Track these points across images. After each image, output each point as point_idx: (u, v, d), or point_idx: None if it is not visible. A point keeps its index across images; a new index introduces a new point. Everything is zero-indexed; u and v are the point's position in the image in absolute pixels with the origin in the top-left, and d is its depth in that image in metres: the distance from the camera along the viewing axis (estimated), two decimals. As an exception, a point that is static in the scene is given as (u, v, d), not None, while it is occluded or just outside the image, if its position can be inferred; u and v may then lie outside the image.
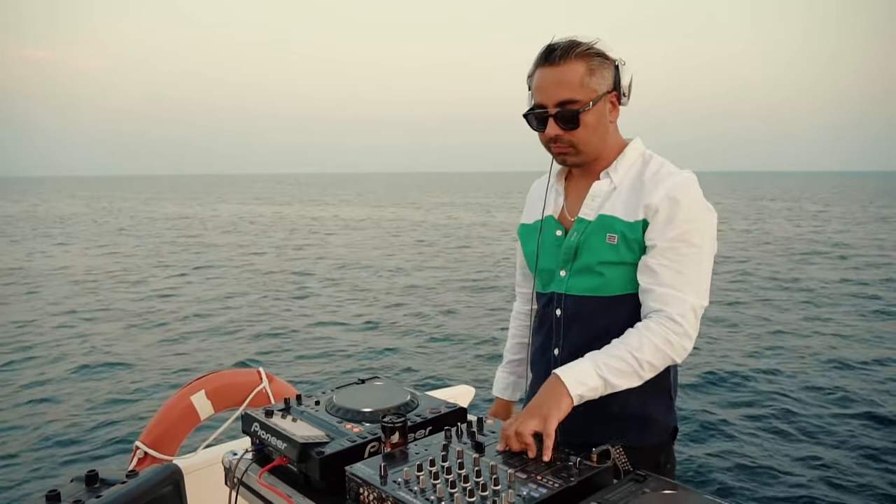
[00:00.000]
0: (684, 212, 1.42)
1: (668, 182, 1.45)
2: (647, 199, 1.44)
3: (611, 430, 1.48)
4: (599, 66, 1.45)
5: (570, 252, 1.54)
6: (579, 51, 1.43)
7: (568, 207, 1.61)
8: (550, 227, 1.61)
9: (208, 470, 2.41)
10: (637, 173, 1.52)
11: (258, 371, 2.97)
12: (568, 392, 1.32)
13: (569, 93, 1.44)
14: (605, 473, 1.20)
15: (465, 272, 14.84)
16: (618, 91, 1.49)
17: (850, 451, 5.08)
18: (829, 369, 7.22)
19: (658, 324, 1.40)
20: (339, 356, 8.24)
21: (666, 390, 1.56)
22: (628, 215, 1.47)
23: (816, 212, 32.74)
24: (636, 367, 1.37)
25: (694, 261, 1.42)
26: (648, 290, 1.44)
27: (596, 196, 1.54)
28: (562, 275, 1.56)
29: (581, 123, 1.46)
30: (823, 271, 14.17)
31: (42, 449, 5.37)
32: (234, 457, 1.48)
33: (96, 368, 7.72)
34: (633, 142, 1.58)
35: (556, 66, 1.44)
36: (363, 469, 1.18)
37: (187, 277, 14.44)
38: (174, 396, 2.82)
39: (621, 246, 1.47)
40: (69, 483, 1.32)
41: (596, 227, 1.51)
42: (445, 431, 1.33)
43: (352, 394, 1.58)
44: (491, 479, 1.13)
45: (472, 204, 43.15)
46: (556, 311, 1.57)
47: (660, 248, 1.43)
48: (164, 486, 1.39)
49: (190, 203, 47.54)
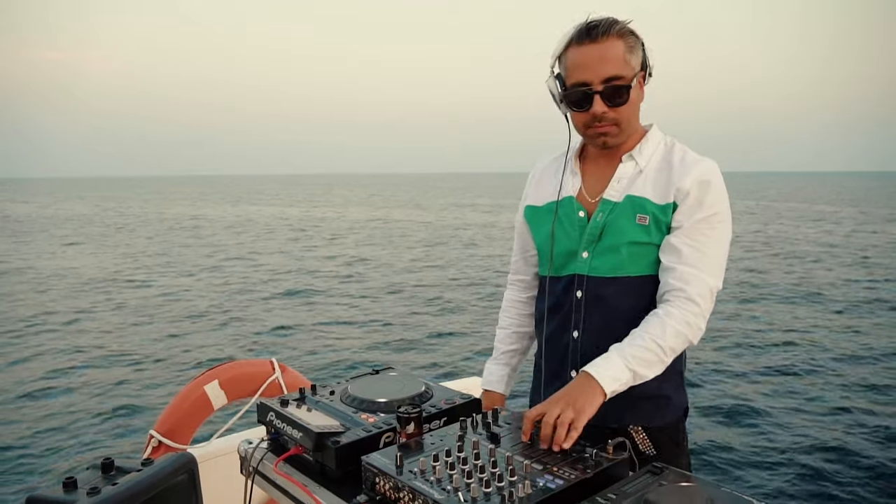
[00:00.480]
0: (712, 196, 1.46)
1: (698, 167, 1.48)
2: (679, 183, 1.47)
3: (628, 412, 1.50)
4: (634, 44, 1.46)
5: (596, 233, 1.53)
6: (618, 28, 1.44)
7: (587, 189, 1.59)
8: (571, 208, 1.59)
9: (222, 459, 2.42)
10: (662, 157, 1.53)
11: (271, 361, 2.97)
12: (602, 391, 1.33)
13: (615, 69, 1.43)
14: (621, 465, 1.19)
15: (472, 270, 14.84)
16: (645, 71, 1.50)
17: (860, 440, 5.04)
18: (848, 361, 7.16)
19: (677, 307, 1.41)
20: (351, 349, 8.27)
21: (678, 371, 1.57)
22: (658, 197, 1.48)
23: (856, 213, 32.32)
24: (661, 355, 1.39)
25: (715, 243, 1.45)
26: (670, 268, 1.45)
27: (622, 178, 1.54)
28: (584, 256, 1.55)
29: (628, 99, 1.46)
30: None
31: (59, 437, 5.44)
32: (249, 446, 1.48)
33: (112, 359, 7.80)
34: (654, 127, 1.59)
35: (598, 43, 1.43)
36: (379, 459, 1.18)
37: (201, 274, 14.54)
38: (188, 386, 2.83)
39: (652, 227, 1.48)
40: (85, 470, 1.33)
41: (625, 208, 1.51)
42: (461, 422, 1.33)
43: (367, 384, 1.58)
44: (507, 470, 1.12)
45: (479, 204, 43.12)
46: (577, 293, 1.55)
47: (685, 229, 1.45)
48: (178, 475, 1.40)
49: (198, 204, 47.83)
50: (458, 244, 19.26)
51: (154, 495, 1.31)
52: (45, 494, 1.22)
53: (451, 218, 30.46)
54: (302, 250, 18.33)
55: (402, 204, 41.58)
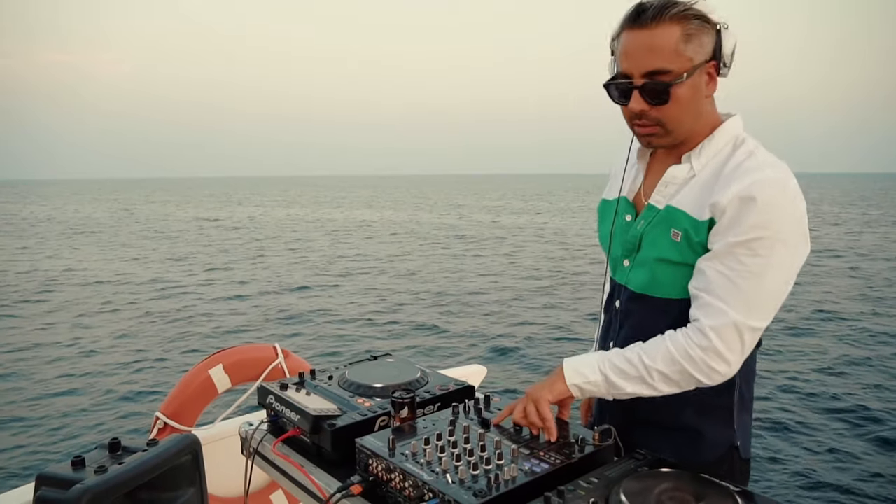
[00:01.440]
0: (757, 215, 1.19)
1: (747, 178, 1.21)
2: (717, 197, 1.23)
3: (658, 442, 1.32)
4: (698, 30, 1.22)
5: (635, 241, 1.38)
6: (675, 11, 1.21)
7: (645, 189, 1.42)
8: (622, 210, 1.46)
9: (225, 441, 2.48)
10: (721, 162, 1.29)
11: (274, 347, 3.03)
12: (565, 380, 1.30)
13: (660, 61, 1.22)
14: (606, 451, 1.24)
15: (479, 263, 14.86)
16: (718, 60, 1.26)
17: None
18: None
19: (684, 334, 1.25)
20: (354, 336, 8.34)
21: (725, 407, 1.37)
22: (696, 212, 1.27)
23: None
24: (643, 374, 1.25)
25: (755, 273, 1.20)
26: (695, 296, 1.26)
27: (670, 182, 1.34)
28: (625, 265, 1.42)
29: (672, 98, 1.24)
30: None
31: (69, 417, 5.55)
32: (250, 427, 1.53)
33: (120, 343, 7.91)
34: (730, 121, 1.33)
35: (646, 29, 1.22)
36: (372, 441, 1.23)
37: (210, 269, 14.62)
38: (193, 370, 2.89)
39: (684, 245, 1.28)
40: (93, 449, 1.38)
41: (662, 219, 1.33)
42: (453, 408, 1.37)
43: (364, 370, 1.63)
44: (495, 454, 1.16)
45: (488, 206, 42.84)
46: (616, 303, 1.46)
47: (717, 252, 1.23)
48: (183, 455, 1.45)
49: (205, 205, 47.85)
50: (466, 243, 19.29)
51: (159, 474, 1.37)
52: (54, 472, 1.28)
53: (456, 218, 30.39)
54: (308, 244, 18.43)
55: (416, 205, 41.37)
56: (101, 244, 18.15)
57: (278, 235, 21.37)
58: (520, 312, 9.63)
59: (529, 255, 16.18)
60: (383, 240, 18.79)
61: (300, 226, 26.75)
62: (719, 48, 1.25)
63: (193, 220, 29.68)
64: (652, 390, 1.26)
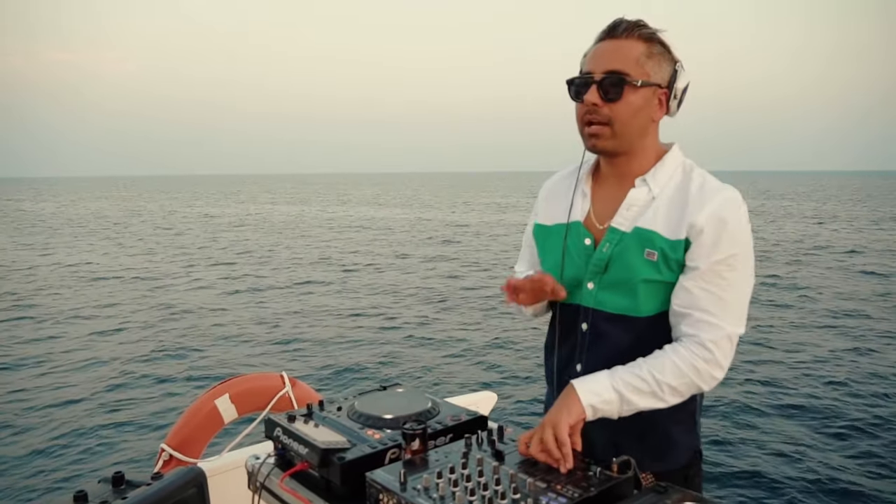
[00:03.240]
0: (731, 234, 1.33)
1: (715, 200, 1.35)
2: (692, 218, 1.35)
3: (629, 451, 1.32)
4: (659, 55, 1.39)
5: (601, 264, 1.44)
6: (644, 31, 1.38)
7: (595, 214, 1.49)
8: (578, 234, 1.50)
9: (232, 473, 2.44)
10: (678, 185, 1.41)
11: (281, 375, 3.00)
12: (580, 400, 1.30)
13: (621, 64, 1.36)
14: (625, 484, 1.19)
15: (483, 279, 14.83)
16: (670, 91, 1.41)
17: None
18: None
19: (687, 348, 1.34)
20: (363, 362, 8.27)
21: (690, 412, 1.48)
22: (670, 232, 1.37)
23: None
24: (655, 388, 1.32)
25: (736, 286, 1.35)
26: (684, 314, 1.36)
27: (633, 205, 1.43)
28: (589, 287, 1.46)
29: (623, 96, 1.36)
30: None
31: (70, 449, 5.48)
32: (256, 461, 1.49)
33: (123, 371, 7.86)
34: (673, 149, 1.47)
35: (616, 40, 1.38)
36: (383, 475, 1.19)
37: (213, 283, 14.64)
38: (199, 400, 2.86)
39: (661, 264, 1.38)
40: (96, 484, 1.35)
41: (633, 241, 1.40)
42: (466, 439, 1.33)
43: (373, 400, 1.59)
44: (510, 488, 1.13)
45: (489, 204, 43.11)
46: (582, 325, 1.49)
47: (701, 272, 1.34)
48: (187, 489, 1.42)
49: (211, 204, 48.25)
50: (468, 249, 19.29)
51: (163, 509, 1.33)
52: (56, 508, 1.25)
53: (460, 219, 30.52)
54: (310, 251, 18.46)
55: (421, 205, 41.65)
56: (97, 250, 18.23)
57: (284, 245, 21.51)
58: (533, 328, 9.59)
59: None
60: (385, 251, 18.84)
61: (308, 230, 26.81)
62: (673, 81, 1.40)
63: (200, 219, 29.61)
64: (661, 403, 1.35)
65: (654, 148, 1.47)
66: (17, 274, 15.68)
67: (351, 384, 7.29)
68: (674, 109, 1.44)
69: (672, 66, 1.41)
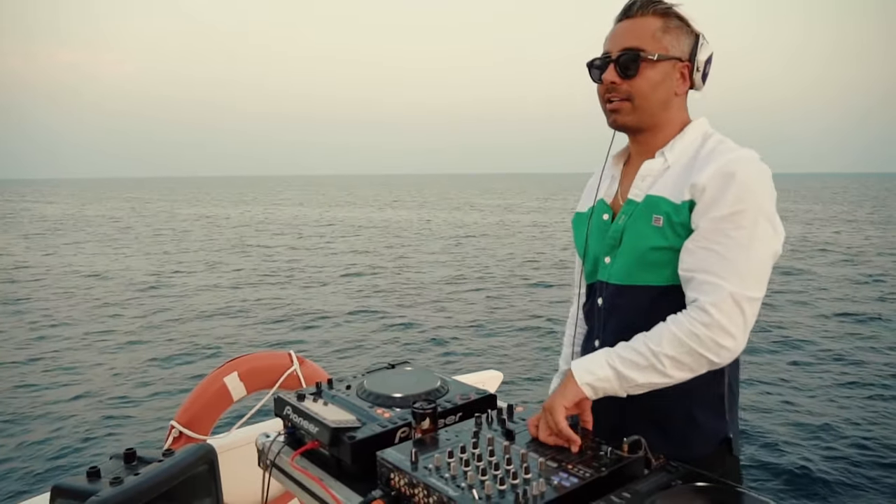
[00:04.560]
0: (736, 188, 1.24)
1: (721, 159, 1.29)
2: (695, 178, 1.29)
3: (649, 436, 1.26)
4: (677, 28, 1.36)
5: (616, 237, 1.42)
6: (658, 7, 1.36)
7: (622, 192, 1.48)
8: (599, 211, 1.51)
9: (241, 450, 2.46)
10: (694, 152, 1.37)
11: (289, 354, 3.01)
12: (576, 381, 1.26)
13: (636, 41, 1.35)
14: (636, 464, 1.19)
15: (488, 264, 14.83)
16: (692, 63, 1.38)
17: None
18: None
19: (685, 315, 1.25)
20: (370, 340, 8.32)
21: (718, 395, 1.38)
22: (675, 195, 1.33)
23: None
24: (653, 361, 1.23)
25: (743, 244, 1.23)
26: (687, 277, 1.29)
27: (646, 176, 1.40)
28: (606, 262, 1.45)
29: (640, 72, 1.35)
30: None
31: (83, 427, 5.55)
32: (266, 439, 1.50)
33: (135, 351, 7.93)
34: (699, 120, 1.44)
35: (631, 19, 1.37)
36: (394, 454, 1.19)
37: (224, 268, 14.70)
38: (208, 378, 2.88)
39: (667, 229, 1.32)
40: (109, 460, 1.36)
41: (643, 209, 1.37)
42: (476, 418, 1.33)
43: (382, 379, 1.59)
44: (522, 468, 1.12)
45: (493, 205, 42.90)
46: (599, 301, 1.47)
47: (703, 230, 1.26)
48: (198, 465, 1.43)
49: (210, 204, 48.24)
50: (471, 239, 19.29)
51: (175, 485, 1.34)
52: (70, 483, 1.26)
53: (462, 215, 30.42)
54: (321, 243, 18.49)
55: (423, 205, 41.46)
56: (104, 244, 18.30)
57: (292, 235, 21.53)
58: (536, 309, 9.59)
59: (548, 257, 16.13)
60: (393, 241, 18.86)
61: (310, 228, 26.90)
62: (695, 53, 1.38)
63: (202, 219, 29.89)
64: (664, 377, 1.25)
65: (680, 122, 1.43)
66: (28, 268, 15.80)
67: (358, 363, 7.33)
68: (699, 82, 1.41)
69: (693, 39, 1.38)
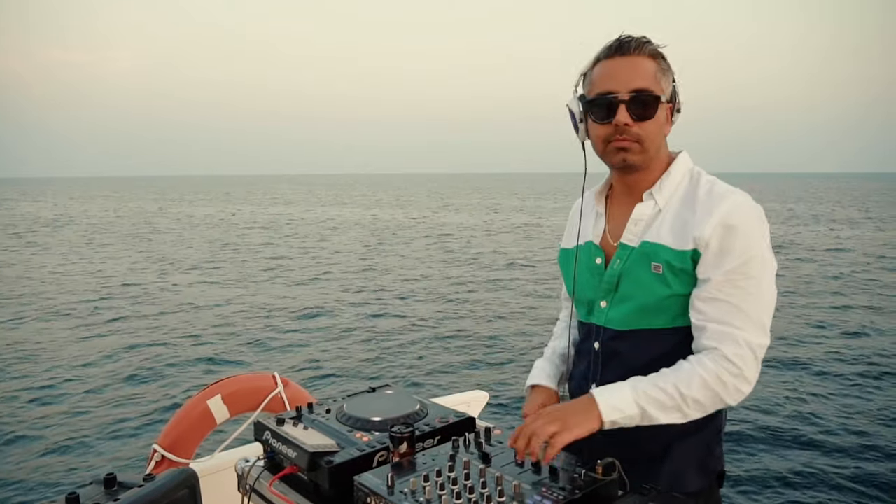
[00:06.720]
0: (741, 240, 1.29)
1: (721, 207, 1.32)
2: (699, 230, 1.31)
3: (643, 471, 1.29)
4: (665, 70, 1.39)
5: (612, 282, 1.43)
6: (652, 48, 1.38)
7: (611, 231, 1.49)
8: (589, 254, 1.51)
9: (223, 474, 2.45)
10: (685, 194, 1.40)
11: (273, 376, 3.01)
12: (600, 415, 1.26)
13: (645, 82, 1.35)
14: (610, 486, 1.21)
15: (479, 277, 14.85)
16: (673, 105, 1.42)
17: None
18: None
19: (713, 361, 1.28)
20: (355, 361, 8.28)
21: (714, 430, 1.43)
22: (676, 243, 1.35)
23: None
24: (680, 403, 1.27)
25: (754, 294, 1.29)
26: (701, 327, 1.32)
27: (639, 220, 1.42)
28: (602, 306, 1.46)
29: (655, 115, 1.36)
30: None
31: (63, 451, 5.47)
32: (246, 464, 1.51)
33: (116, 372, 7.84)
34: (680, 156, 1.46)
35: (629, 57, 1.36)
36: (371, 479, 1.21)
37: (206, 283, 14.61)
38: (191, 400, 2.87)
39: (667, 275, 1.35)
40: (88, 485, 1.36)
41: (640, 256, 1.39)
42: (453, 441, 1.35)
43: (362, 403, 1.61)
44: (496, 491, 1.14)
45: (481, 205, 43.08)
46: (595, 345, 1.48)
47: (714, 283, 1.30)
48: (179, 490, 1.42)
49: (215, 204, 48.09)
50: (463, 249, 19.31)
51: (155, 511, 1.34)
52: (48, 510, 1.25)
53: (452, 221, 30.48)
54: (305, 255, 18.43)
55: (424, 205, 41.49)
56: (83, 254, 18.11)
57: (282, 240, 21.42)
58: (524, 327, 9.60)
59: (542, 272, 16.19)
60: (378, 250, 18.83)
61: (301, 230, 26.79)
62: (675, 94, 1.41)
63: (183, 219, 29.61)
64: (683, 418, 1.30)
65: (666, 159, 1.46)
66: (10, 273, 15.62)
67: (343, 383, 7.30)
68: (676, 119, 1.45)
69: (672, 80, 1.41)
